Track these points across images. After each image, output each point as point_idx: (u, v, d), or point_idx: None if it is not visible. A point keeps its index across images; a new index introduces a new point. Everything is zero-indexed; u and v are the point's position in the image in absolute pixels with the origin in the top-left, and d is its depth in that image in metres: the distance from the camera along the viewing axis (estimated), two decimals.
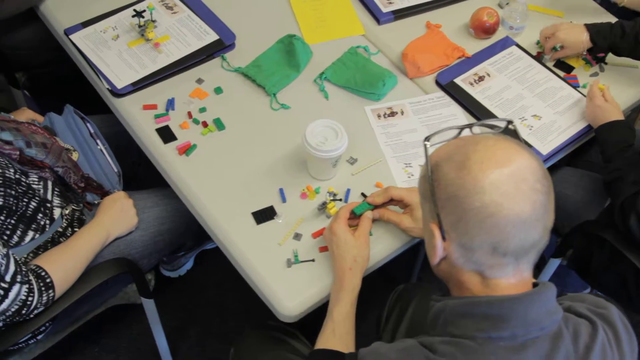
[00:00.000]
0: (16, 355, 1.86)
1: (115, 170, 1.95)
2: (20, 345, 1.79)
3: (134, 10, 2.01)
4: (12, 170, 1.59)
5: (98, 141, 1.95)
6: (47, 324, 1.76)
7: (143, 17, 2.00)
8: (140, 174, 2.18)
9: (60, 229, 1.75)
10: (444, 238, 1.17)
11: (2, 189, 1.53)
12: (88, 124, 1.96)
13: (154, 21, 2.03)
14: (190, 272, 2.56)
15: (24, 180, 1.63)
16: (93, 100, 2.09)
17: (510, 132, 1.29)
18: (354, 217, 1.68)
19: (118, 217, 1.82)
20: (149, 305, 2.00)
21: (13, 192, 1.57)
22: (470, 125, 1.30)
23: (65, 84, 2.51)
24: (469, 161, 1.13)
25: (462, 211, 1.12)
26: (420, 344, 1.20)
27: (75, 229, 1.79)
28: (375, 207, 1.69)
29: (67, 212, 1.77)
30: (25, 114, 1.94)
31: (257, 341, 1.75)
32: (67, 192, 1.80)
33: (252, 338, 1.76)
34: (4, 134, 1.62)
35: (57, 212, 1.73)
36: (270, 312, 1.63)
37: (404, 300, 1.81)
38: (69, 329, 1.93)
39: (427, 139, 1.25)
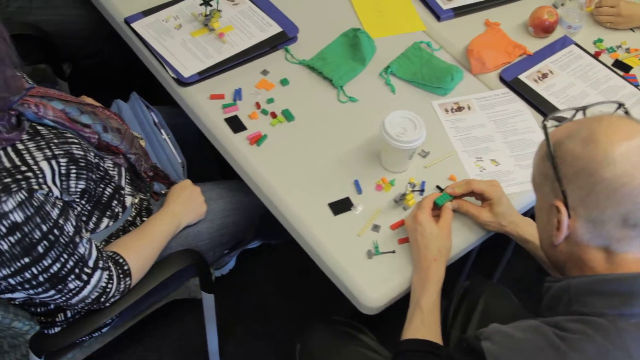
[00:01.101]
0: (76, 349, 1.81)
1: (180, 160, 1.90)
2: (82, 339, 1.74)
3: None
4: (92, 153, 1.54)
5: (162, 130, 1.91)
6: (114, 317, 1.71)
7: (211, 5, 1.96)
8: (195, 168, 2.13)
9: (130, 218, 1.71)
10: (569, 215, 1.16)
11: (84, 172, 1.49)
12: (152, 113, 1.91)
13: (219, 10, 1.99)
14: (232, 272, 2.51)
15: (102, 165, 1.59)
16: (140, 92, 2.06)
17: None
18: (434, 208, 1.66)
19: (187, 204, 1.79)
20: (209, 301, 1.95)
21: (93, 177, 1.53)
22: (584, 108, 1.29)
23: (112, 75, 2.47)
24: (596, 135, 1.15)
25: (591, 184, 1.13)
26: (544, 323, 1.18)
27: (144, 219, 1.75)
28: (454, 198, 1.67)
29: (136, 201, 1.72)
30: (78, 100, 1.89)
31: (327, 336, 1.72)
32: (137, 180, 1.76)
33: (321, 333, 1.73)
34: (84, 117, 1.58)
35: (128, 201, 1.69)
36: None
37: (472, 295, 1.79)
38: (128, 323, 1.89)
39: (545, 119, 1.25)
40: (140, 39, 1.99)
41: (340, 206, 1.71)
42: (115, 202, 1.63)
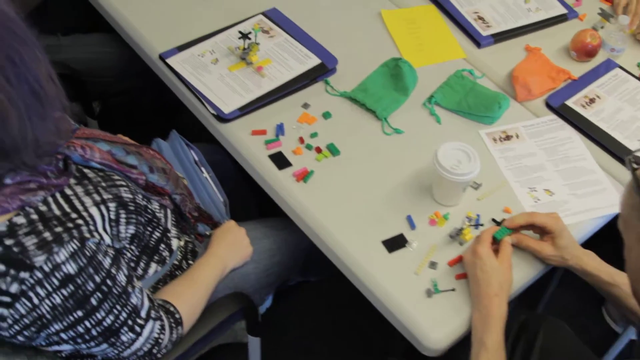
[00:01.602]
0: None
1: (222, 199, 1.84)
2: None
3: (240, 32, 1.93)
4: (140, 196, 1.48)
5: (203, 169, 1.85)
6: None
7: (249, 38, 1.91)
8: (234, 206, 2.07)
9: (177, 262, 1.64)
10: None
11: (133, 217, 1.42)
12: (192, 151, 1.85)
13: (257, 43, 1.94)
14: (269, 310, 2.44)
15: (149, 207, 1.52)
16: (170, 128, 2.01)
17: None
18: (493, 242, 1.59)
19: (233, 247, 1.72)
20: (255, 344, 1.88)
21: (142, 220, 1.46)
22: None
23: (141, 112, 2.42)
24: None
25: None
26: None
27: (190, 262, 1.68)
28: (513, 232, 1.61)
29: (181, 243, 1.66)
30: (123, 141, 1.83)
31: None
32: (181, 222, 1.69)
33: None
34: (130, 158, 1.52)
35: (174, 244, 1.62)
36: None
37: (529, 331, 1.72)
38: None
39: (630, 155, 1.18)
40: (176, 74, 1.93)
41: (395, 243, 1.65)
42: (163, 245, 1.57)
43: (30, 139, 1.18)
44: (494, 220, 1.71)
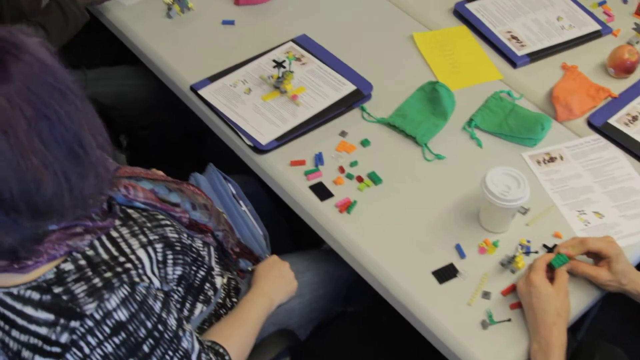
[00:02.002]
0: None
1: (261, 233, 1.79)
2: None
3: (274, 61, 1.88)
4: (185, 235, 1.43)
5: (241, 202, 1.80)
6: None
7: (284, 67, 1.87)
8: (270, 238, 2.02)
9: (220, 300, 1.59)
10: None
11: (180, 257, 1.38)
12: (230, 184, 1.81)
13: (292, 72, 1.89)
14: (308, 342, 2.37)
15: (194, 246, 1.48)
16: (197, 160, 1.97)
17: None
18: (548, 269, 1.54)
19: (278, 282, 1.67)
20: None
21: (188, 260, 1.42)
22: None
23: (170, 144, 2.38)
24: None
25: None
26: None
27: (234, 300, 1.63)
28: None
29: (224, 281, 1.61)
30: (164, 178, 1.79)
31: None
32: (224, 258, 1.64)
33: None
34: (172, 196, 1.47)
35: (218, 282, 1.57)
36: None
37: (582, 357, 1.66)
38: None
39: None
40: (209, 106, 1.89)
41: (445, 274, 1.60)
42: (208, 284, 1.52)
43: (68, 200, 1.12)
44: (545, 246, 1.66)
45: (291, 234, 2.12)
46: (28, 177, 1.06)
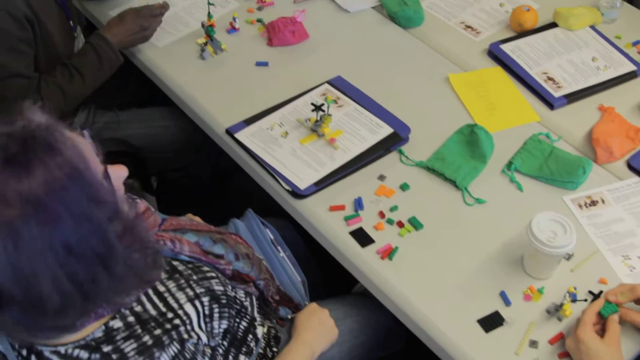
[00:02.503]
0: None
1: (300, 279, 1.77)
2: None
3: (312, 104, 1.87)
4: (229, 287, 1.41)
5: (279, 248, 1.78)
6: None
7: (323, 110, 1.85)
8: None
9: (261, 350, 1.56)
10: None
11: (226, 310, 1.35)
12: (268, 230, 1.78)
13: (330, 115, 1.88)
14: None
15: (237, 297, 1.45)
16: (226, 205, 1.95)
17: None
18: (597, 319, 1.51)
19: (319, 331, 1.64)
20: None
21: (233, 313, 1.39)
22: None
23: (199, 186, 2.37)
24: None
25: None
26: None
27: (274, 349, 1.60)
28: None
29: (265, 330, 1.58)
30: (207, 229, 1.77)
31: None
32: (264, 307, 1.62)
33: None
34: (217, 247, 1.45)
35: (259, 332, 1.54)
36: None
37: None
38: None
39: None
40: (245, 149, 1.88)
41: (491, 322, 1.57)
42: (250, 336, 1.49)
43: (80, 302, 1.05)
44: (590, 292, 1.63)
45: (323, 277, 2.10)
46: (31, 282, 1.01)
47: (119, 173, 1.14)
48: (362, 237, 1.71)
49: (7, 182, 0.96)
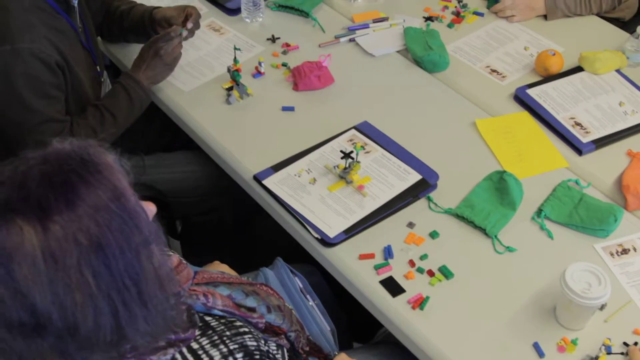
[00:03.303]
0: None
1: (329, 328, 1.75)
2: None
3: (342, 152, 1.86)
4: (262, 341, 1.39)
5: (308, 296, 1.76)
6: None
7: (352, 158, 1.85)
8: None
9: None
10: None
11: None
12: (297, 278, 1.77)
13: (359, 162, 1.88)
14: None
15: (270, 351, 1.43)
16: (251, 248, 1.94)
17: None
18: None
19: None
20: None
21: None
22: None
23: (224, 231, 2.36)
24: None
25: None
26: None
27: None
28: None
29: None
30: (221, 268, 1.76)
31: None
32: (294, 358, 1.60)
33: None
34: (249, 300, 1.44)
35: None
36: None
37: None
38: None
39: None
40: (273, 196, 1.87)
41: None
42: None
43: (110, 336, 1.04)
44: (625, 344, 1.61)
45: (349, 324, 2.07)
46: (70, 311, 1.01)
47: (149, 209, 1.14)
48: (393, 287, 1.70)
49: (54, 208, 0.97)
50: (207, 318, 1.33)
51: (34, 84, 1.84)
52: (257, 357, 1.32)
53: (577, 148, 2.06)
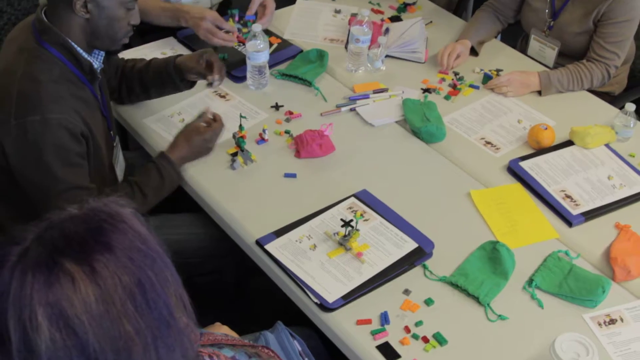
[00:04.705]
0: None
1: None
2: None
3: (342, 220, 1.94)
4: None
5: None
6: None
7: (352, 226, 1.93)
8: None
9: None
10: None
11: None
12: (296, 341, 1.83)
13: (358, 230, 1.95)
14: None
15: None
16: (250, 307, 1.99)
17: None
18: None
19: None
20: None
21: None
22: None
23: (224, 291, 2.42)
24: None
25: None
26: None
27: None
28: None
29: None
30: (222, 330, 1.82)
31: None
32: None
33: None
34: None
35: None
36: None
37: None
38: None
39: None
40: (274, 260, 1.94)
41: None
42: None
43: None
44: None
45: None
46: (121, 345, 1.09)
47: None
48: (389, 352, 1.76)
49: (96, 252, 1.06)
50: None
51: (61, 153, 1.91)
52: None
53: (567, 220, 2.14)
